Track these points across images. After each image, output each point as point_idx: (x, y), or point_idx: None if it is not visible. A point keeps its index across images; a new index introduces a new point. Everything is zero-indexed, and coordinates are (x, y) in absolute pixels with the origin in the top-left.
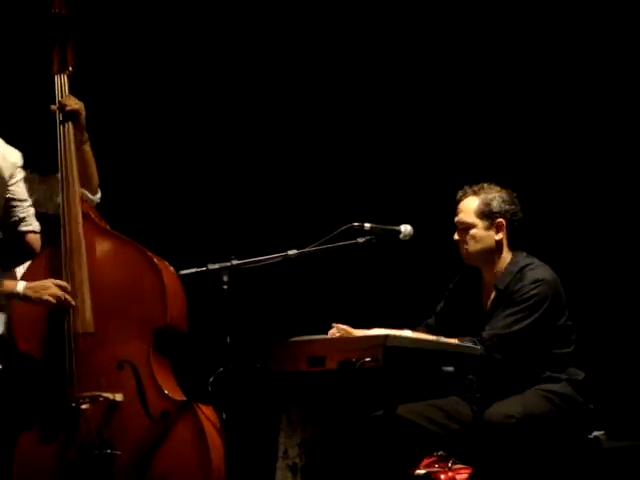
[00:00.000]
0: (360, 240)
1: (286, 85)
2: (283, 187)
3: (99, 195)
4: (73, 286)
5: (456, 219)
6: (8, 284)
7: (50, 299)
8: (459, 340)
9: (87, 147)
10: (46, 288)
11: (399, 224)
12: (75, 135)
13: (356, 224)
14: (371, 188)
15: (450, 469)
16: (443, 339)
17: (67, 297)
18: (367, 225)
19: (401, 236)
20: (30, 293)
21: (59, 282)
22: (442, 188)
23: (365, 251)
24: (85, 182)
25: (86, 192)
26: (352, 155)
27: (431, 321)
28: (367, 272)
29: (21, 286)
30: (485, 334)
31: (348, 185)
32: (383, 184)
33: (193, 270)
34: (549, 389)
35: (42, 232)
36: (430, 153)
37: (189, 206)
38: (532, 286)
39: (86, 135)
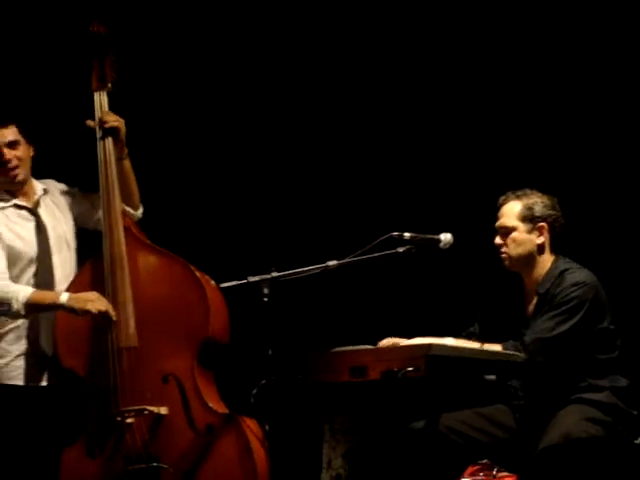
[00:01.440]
0: (400, 250)
1: (325, 97)
2: (323, 198)
3: (141, 210)
4: (116, 300)
5: (497, 223)
6: (51, 295)
7: (93, 310)
8: (502, 346)
9: (127, 163)
10: (90, 300)
11: (438, 233)
12: (115, 151)
13: (395, 234)
14: (409, 197)
15: (495, 477)
16: (487, 346)
17: (110, 311)
18: (407, 234)
19: (441, 245)
20: (74, 304)
21: (100, 296)
22: (481, 196)
23: (405, 260)
24: (126, 198)
25: (128, 208)
26: (391, 165)
27: (474, 329)
28: (407, 281)
29: (65, 297)
30: (527, 338)
31: (387, 195)
32: (421, 193)
33: (234, 283)
34: (590, 399)
35: (83, 248)
36: (469, 162)
37: (229, 219)
38: (572, 289)
39: (126, 151)
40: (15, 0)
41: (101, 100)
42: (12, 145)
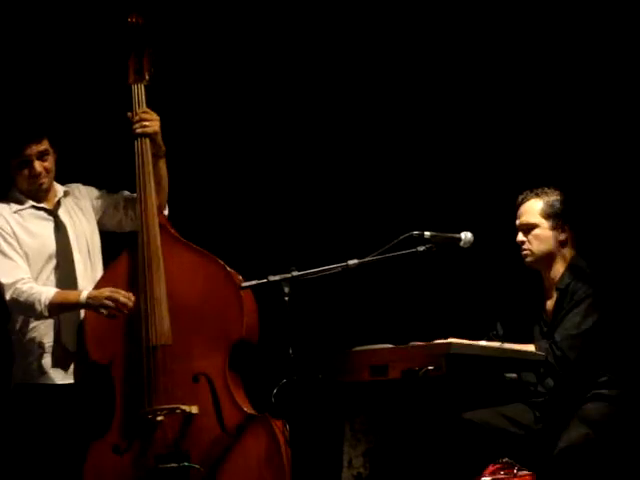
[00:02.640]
0: (420, 248)
1: (348, 98)
2: (343, 197)
3: (166, 212)
4: (152, 296)
5: (518, 221)
6: (73, 294)
7: (109, 303)
8: (535, 345)
9: (162, 163)
10: (102, 295)
11: (459, 231)
12: (151, 147)
13: (416, 232)
14: (430, 196)
15: (515, 476)
16: (507, 345)
17: (121, 300)
18: (427, 233)
19: (461, 243)
20: (91, 302)
21: (116, 290)
22: (500, 195)
23: (425, 259)
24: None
25: None
26: (411, 164)
27: (497, 331)
28: (427, 280)
29: (84, 295)
30: (557, 336)
31: (407, 194)
32: (441, 192)
33: (254, 282)
34: (610, 395)
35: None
36: (488, 161)
37: (249, 218)
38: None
39: (163, 149)
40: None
41: (139, 93)
42: (41, 157)
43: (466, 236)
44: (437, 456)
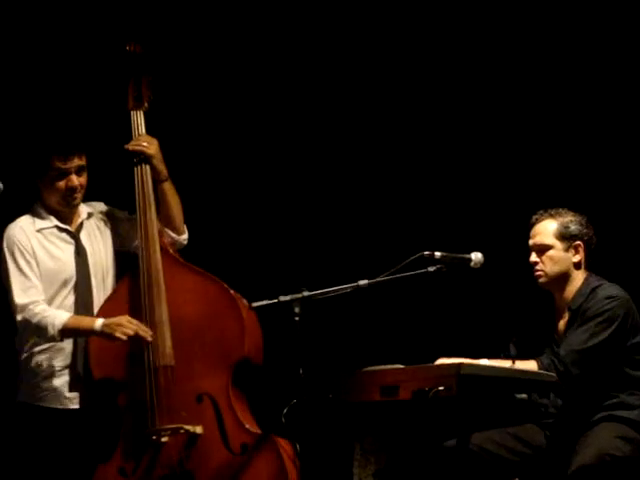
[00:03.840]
0: (430, 269)
1: (359, 116)
2: (354, 218)
3: (185, 236)
4: (153, 319)
5: (532, 242)
6: (87, 321)
7: (121, 336)
8: (537, 361)
9: (166, 185)
10: (120, 325)
11: (469, 252)
12: (151, 172)
13: (426, 253)
14: (440, 217)
15: None
16: (519, 363)
17: (141, 333)
18: (437, 254)
19: (472, 264)
20: (106, 330)
21: (132, 320)
22: (510, 215)
23: (436, 280)
24: (168, 221)
25: (170, 233)
26: (422, 184)
27: (510, 352)
28: (438, 301)
29: (99, 323)
30: (562, 351)
31: (418, 214)
32: (451, 213)
33: (265, 302)
34: (622, 416)
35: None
36: (498, 182)
37: (260, 238)
38: (605, 302)
39: (164, 173)
40: (52, 20)
41: (138, 119)
42: (80, 172)
43: (476, 256)
44: (447, 476)
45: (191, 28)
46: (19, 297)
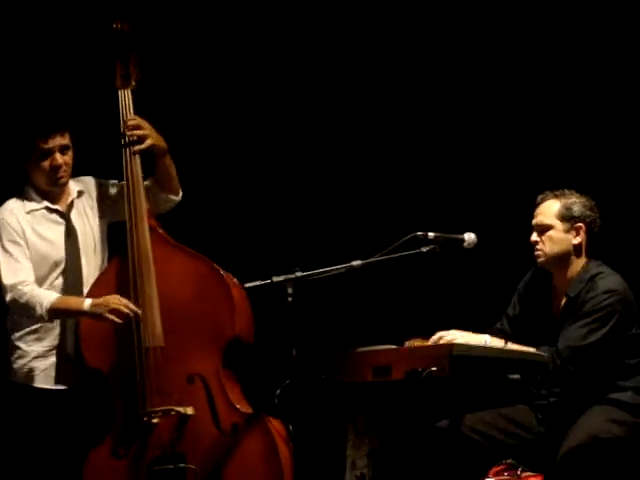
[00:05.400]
0: (424, 249)
1: (351, 99)
2: (347, 198)
3: (181, 194)
4: (143, 299)
5: (534, 221)
6: (75, 301)
7: (115, 319)
8: (536, 350)
9: (167, 159)
10: (111, 304)
11: (462, 232)
12: (143, 151)
13: (420, 233)
14: (433, 197)
15: (519, 477)
16: (510, 345)
17: (130, 311)
18: (431, 234)
19: (465, 244)
20: (95, 309)
21: (120, 298)
22: (504, 195)
23: (429, 260)
24: (169, 188)
25: (171, 196)
26: (415, 164)
27: (504, 325)
28: (431, 281)
29: (87, 303)
30: (560, 345)
31: (411, 194)
32: (444, 193)
33: (257, 282)
34: (614, 398)
35: (112, 242)
36: (490, 162)
37: (252, 218)
38: (605, 296)
39: (164, 147)
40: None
41: (126, 98)
42: (63, 150)
43: (469, 237)
44: (440, 457)
45: (180, 6)
46: (7, 278)
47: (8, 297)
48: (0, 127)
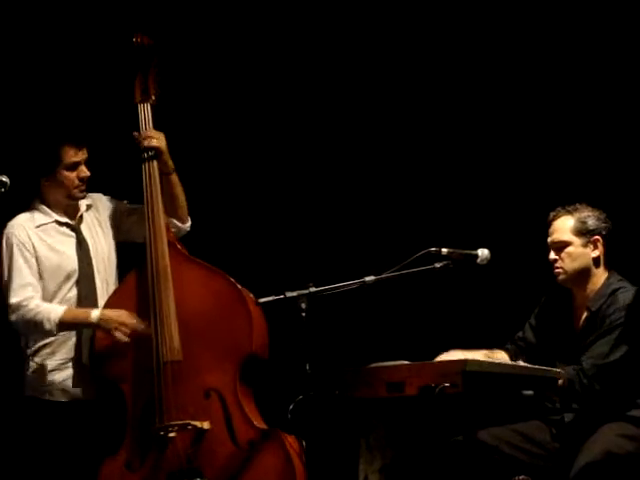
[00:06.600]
0: (437, 265)
1: (366, 115)
2: (361, 214)
3: (189, 224)
4: (160, 314)
5: (550, 239)
6: (82, 313)
7: (122, 338)
8: (562, 368)
9: (173, 177)
10: (119, 322)
11: (476, 248)
12: (158, 166)
13: (433, 249)
14: (446, 213)
15: None
16: (521, 363)
17: (139, 330)
18: (444, 250)
19: (478, 260)
20: (103, 324)
21: (130, 316)
22: (520, 211)
23: (442, 276)
24: (174, 211)
25: (175, 221)
26: (429, 181)
27: (511, 347)
28: (445, 297)
29: (95, 315)
30: (585, 364)
31: (425, 210)
32: (458, 209)
33: (271, 298)
34: (628, 414)
35: (130, 255)
36: (504, 178)
37: (266, 234)
38: (625, 312)
39: (170, 166)
40: (59, 13)
41: (145, 112)
42: (86, 164)
43: (483, 253)
44: (453, 473)
45: (198, 21)
46: (14, 296)
47: (13, 317)
48: (16, 141)
